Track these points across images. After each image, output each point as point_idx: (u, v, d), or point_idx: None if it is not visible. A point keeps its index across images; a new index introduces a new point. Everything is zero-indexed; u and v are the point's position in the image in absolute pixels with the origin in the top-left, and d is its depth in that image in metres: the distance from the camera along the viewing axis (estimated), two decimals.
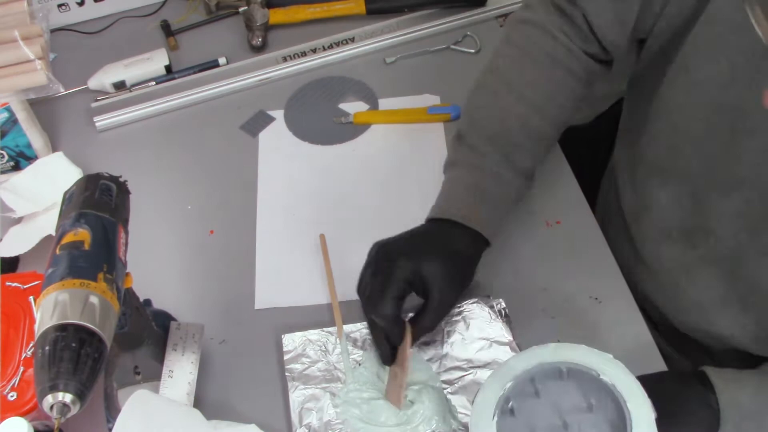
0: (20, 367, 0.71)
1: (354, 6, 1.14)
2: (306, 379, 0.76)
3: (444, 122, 0.99)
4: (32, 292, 0.76)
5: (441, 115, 0.99)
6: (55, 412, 0.51)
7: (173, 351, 0.73)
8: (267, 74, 1.07)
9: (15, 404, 0.69)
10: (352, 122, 1.01)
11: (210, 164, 0.98)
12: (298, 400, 0.74)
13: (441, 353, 0.77)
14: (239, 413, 0.75)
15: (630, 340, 0.78)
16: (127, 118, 1.04)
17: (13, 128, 0.95)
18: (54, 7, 1.14)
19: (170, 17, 1.17)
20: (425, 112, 1.00)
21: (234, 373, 0.79)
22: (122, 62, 1.07)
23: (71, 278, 0.54)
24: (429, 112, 1.00)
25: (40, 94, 0.93)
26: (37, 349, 0.52)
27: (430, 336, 0.78)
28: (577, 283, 0.72)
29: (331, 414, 0.73)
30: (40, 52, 0.91)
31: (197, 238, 0.91)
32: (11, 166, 0.98)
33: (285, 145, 1.00)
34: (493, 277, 0.83)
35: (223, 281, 0.86)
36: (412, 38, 1.11)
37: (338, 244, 0.87)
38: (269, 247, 0.89)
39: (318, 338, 0.78)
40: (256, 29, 1.11)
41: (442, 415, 0.72)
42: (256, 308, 0.84)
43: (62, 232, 0.58)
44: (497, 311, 0.79)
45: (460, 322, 0.78)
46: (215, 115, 1.04)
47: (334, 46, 1.10)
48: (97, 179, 0.62)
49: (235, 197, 0.94)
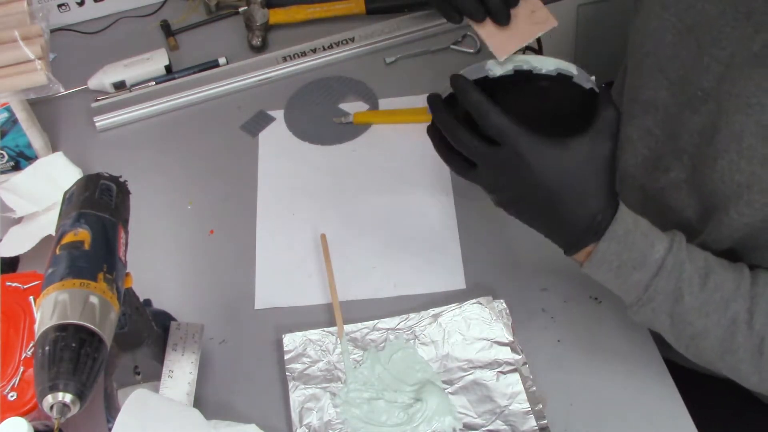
0: (20, 367, 0.71)
1: (354, 6, 1.14)
2: (306, 378, 0.76)
3: None
4: (32, 292, 0.76)
5: None
6: (55, 412, 0.51)
7: (173, 351, 0.73)
8: (267, 74, 1.07)
9: (15, 404, 0.69)
10: (352, 122, 1.01)
11: (210, 164, 0.99)
12: (299, 399, 0.74)
13: (441, 353, 0.77)
14: (239, 413, 0.75)
15: (630, 340, 0.78)
16: (127, 118, 1.04)
17: (13, 128, 0.95)
18: (54, 7, 1.14)
19: (170, 17, 1.17)
20: (425, 112, 1.00)
21: (234, 373, 0.79)
22: (122, 62, 1.07)
23: (71, 278, 0.54)
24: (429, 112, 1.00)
25: (40, 94, 0.93)
26: (37, 349, 0.52)
27: (430, 337, 0.78)
28: (577, 283, 0.72)
29: (331, 414, 0.73)
30: (40, 52, 0.91)
31: (197, 238, 0.91)
32: (11, 166, 0.98)
33: (285, 145, 1.00)
34: (493, 278, 0.83)
35: (223, 281, 0.86)
36: (412, 38, 1.11)
37: (338, 244, 0.87)
38: (269, 247, 0.89)
39: (318, 338, 0.78)
40: (256, 29, 1.11)
41: (442, 415, 0.72)
42: (256, 308, 0.84)
43: (62, 232, 0.58)
44: (498, 312, 0.79)
45: (461, 322, 0.79)
46: (215, 115, 1.04)
47: (334, 46, 1.10)
48: (97, 179, 0.62)
49: (235, 197, 0.94)
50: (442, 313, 0.79)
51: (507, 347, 0.77)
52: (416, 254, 0.86)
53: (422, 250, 0.87)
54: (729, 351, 0.66)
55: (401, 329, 0.79)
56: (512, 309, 0.79)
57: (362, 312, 0.81)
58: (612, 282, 0.68)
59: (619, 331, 0.78)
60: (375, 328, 0.79)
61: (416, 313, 0.80)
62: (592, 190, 0.65)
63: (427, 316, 0.79)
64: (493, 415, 0.72)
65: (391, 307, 0.82)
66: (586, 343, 0.78)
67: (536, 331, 0.79)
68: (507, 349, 0.77)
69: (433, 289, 0.83)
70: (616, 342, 0.78)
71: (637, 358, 0.77)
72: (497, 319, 0.78)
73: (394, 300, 0.83)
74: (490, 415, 0.72)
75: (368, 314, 0.81)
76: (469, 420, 0.72)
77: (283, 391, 0.76)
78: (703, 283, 0.65)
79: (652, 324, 0.69)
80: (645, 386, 0.75)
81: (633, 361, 0.77)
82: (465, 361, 0.76)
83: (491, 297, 0.80)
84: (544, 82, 0.66)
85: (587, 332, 0.79)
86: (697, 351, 0.68)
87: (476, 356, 0.77)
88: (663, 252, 0.65)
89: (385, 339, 0.78)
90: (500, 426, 0.71)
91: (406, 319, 0.79)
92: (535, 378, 0.75)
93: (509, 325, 0.78)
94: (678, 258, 0.65)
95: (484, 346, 0.77)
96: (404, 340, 0.78)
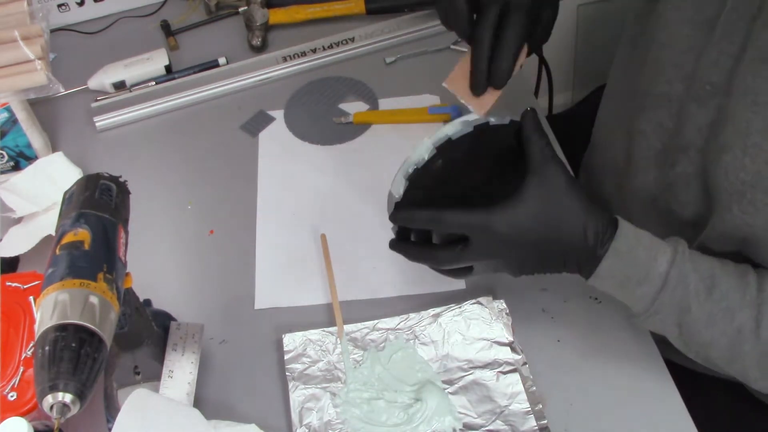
0: (20, 367, 0.71)
1: (354, 6, 1.14)
2: (306, 378, 0.76)
3: (444, 122, 0.99)
4: (32, 292, 0.76)
5: (441, 115, 0.99)
6: (55, 412, 0.51)
7: (173, 351, 0.73)
8: (267, 74, 1.07)
9: (15, 404, 0.69)
10: (352, 122, 1.01)
11: (210, 164, 0.99)
12: (299, 399, 0.74)
13: (441, 353, 0.77)
14: (239, 413, 0.75)
15: (630, 340, 0.78)
16: (127, 118, 1.04)
17: (13, 128, 0.95)
18: (54, 7, 1.14)
19: (170, 17, 1.17)
20: (425, 112, 1.00)
21: (234, 373, 0.79)
22: (122, 62, 1.07)
23: (71, 278, 0.54)
24: (429, 112, 1.00)
25: (40, 94, 0.93)
26: (37, 349, 0.52)
27: (430, 337, 0.78)
28: (577, 283, 0.72)
29: (331, 414, 0.73)
30: (40, 52, 0.91)
31: (197, 238, 0.91)
32: (11, 166, 0.98)
33: (285, 145, 1.00)
34: (493, 278, 0.83)
35: (223, 281, 0.86)
36: (412, 38, 1.11)
37: (338, 244, 0.87)
38: (269, 247, 0.89)
39: (318, 338, 0.78)
40: (256, 29, 1.11)
41: (442, 415, 0.72)
42: (256, 308, 0.84)
43: (62, 232, 0.58)
44: (498, 312, 0.79)
45: (461, 322, 0.79)
46: (215, 115, 1.04)
47: (334, 46, 1.10)
48: (97, 179, 0.62)
49: (235, 197, 0.94)
50: (442, 313, 0.79)
51: (507, 347, 0.77)
52: None
53: None
54: (736, 359, 0.66)
55: (401, 329, 0.79)
56: (512, 309, 0.79)
57: (362, 312, 0.81)
58: (618, 294, 0.68)
59: (619, 331, 0.78)
60: (375, 328, 0.79)
61: (416, 313, 0.80)
62: (574, 213, 0.65)
63: (427, 316, 0.79)
64: (493, 415, 0.72)
65: (391, 307, 0.82)
66: (586, 343, 0.78)
67: (536, 331, 0.79)
68: (507, 349, 0.77)
69: (433, 290, 0.83)
70: (616, 342, 0.78)
71: (637, 358, 0.77)
72: (497, 319, 0.78)
73: (393, 300, 0.83)
74: (490, 415, 0.72)
75: (367, 314, 0.81)
76: (469, 420, 0.72)
77: (282, 391, 0.76)
78: (709, 293, 0.65)
79: (661, 332, 0.69)
80: (645, 386, 0.75)
81: (633, 361, 0.77)
82: (465, 361, 0.76)
83: (491, 297, 0.80)
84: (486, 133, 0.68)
85: (587, 332, 0.79)
86: (705, 357, 0.68)
87: (476, 356, 0.77)
88: (666, 266, 0.65)
89: (385, 339, 0.78)
90: (500, 426, 0.71)
91: (406, 319, 0.79)
92: (535, 378, 0.75)
93: (509, 325, 0.78)
94: (682, 270, 0.65)
95: (484, 346, 0.77)
96: (404, 340, 0.78)
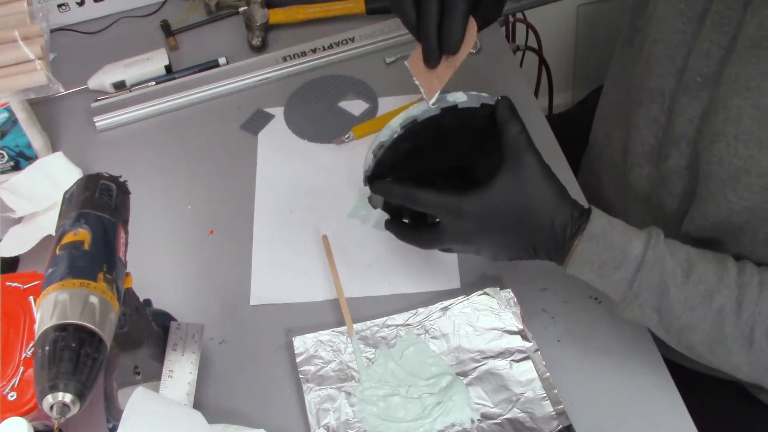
0: (20, 367, 0.71)
1: (354, 6, 1.14)
2: (320, 380, 0.76)
3: None
4: (32, 292, 0.76)
5: None
6: (55, 412, 0.51)
7: (173, 351, 0.73)
8: (267, 74, 1.07)
9: (15, 404, 0.69)
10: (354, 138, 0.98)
11: (210, 164, 0.99)
12: (314, 401, 0.74)
13: (453, 345, 0.77)
14: (239, 413, 0.75)
15: (630, 340, 0.78)
16: (127, 118, 1.04)
17: (13, 128, 0.95)
18: (54, 7, 1.14)
19: (170, 17, 1.17)
20: None
21: (234, 373, 0.79)
22: (122, 62, 1.07)
23: (71, 278, 0.54)
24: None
25: (40, 94, 0.93)
26: (37, 349, 0.52)
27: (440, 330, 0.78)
28: (577, 283, 0.72)
29: (348, 413, 0.73)
30: (40, 52, 0.91)
31: (197, 237, 0.91)
32: (11, 166, 0.98)
33: (285, 143, 1.00)
34: (494, 278, 0.83)
35: (223, 281, 0.86)
36: (412, 38, 1.10)
37: (337, 243, 0.87)
38: (267, 246, 0.89)
39: (329, 339, 0.78)
40: (256, 29, 1.11)
41: (460, 407, 0.72)
42: (251, 304, 0.83)
43: (62, 232, 0.58)
44: (506, 301, 0.79)
45: (470, 313, 0.79)
46: (215, 115, 1.04)
47: (334, 46, 1.10)
48: (97, 179, 0.62)
49: (235, 197, 0.94)
50: (451, 306, 0.80)
51: (518, 335, 0.77)
52: (415, 253, 0.86)
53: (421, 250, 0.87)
54: (718, 342, 0.66)
55: (411, 324, 0.79)
56: None
57: (364, 311, 0.81)
58: (597, 282, 0.69)
59: (619, 331, 0.78)
60: (384, 325, 0.79)
61: (425, 307, 0.80)
62: (544, 203, 0.66)
63: (435, 310, 0.80)
64: (510, 404, 0.72)
65: (392, 305, 0.82)
66: (586, 343, 0.78)
67: (536, 331, 0.79)
68: (518, 337, 0.77)
69: (432, 289, 0.83)
70: (616, 342, 0.78)
71: (637, 358, 0.77)
72: (505, 308, 0.79)
73: (393, 299, 0.83)
74: (507, 403, 0.72)
75: (371, 313, 0.81)
76: (486, 410, 0.72)
77: (284, 391, 0.76)
78: (687, 276, 0.66)
79: (641, 321, 0.69)
80: (645, 386, 0.75)
81: (633, 361, 0.77)
82: (477, 352, 0.76)
83: (498, 287, 0.80)
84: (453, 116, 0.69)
85: (587, 332, 0.79)
86: (687, 345, 0.68)
87: (488, 346, 0.77)
88: (641, 247, 0.66)
89: (395, 335, 0.78)
90: (518, 414, 0.72)
91: (415, 314, 0.79)
92: None
93: (518, 313, 0.78)
94: (657, 252, 0.66)
95: (494, 336, 0.77)
96: (415, 335, 0.78)
